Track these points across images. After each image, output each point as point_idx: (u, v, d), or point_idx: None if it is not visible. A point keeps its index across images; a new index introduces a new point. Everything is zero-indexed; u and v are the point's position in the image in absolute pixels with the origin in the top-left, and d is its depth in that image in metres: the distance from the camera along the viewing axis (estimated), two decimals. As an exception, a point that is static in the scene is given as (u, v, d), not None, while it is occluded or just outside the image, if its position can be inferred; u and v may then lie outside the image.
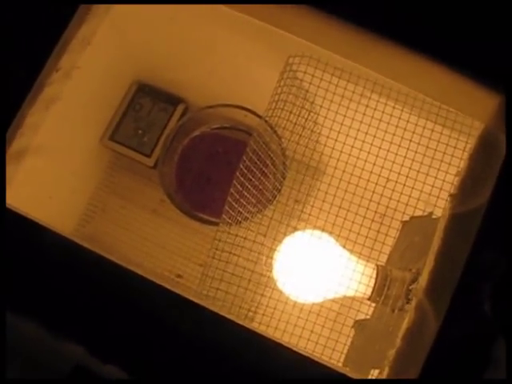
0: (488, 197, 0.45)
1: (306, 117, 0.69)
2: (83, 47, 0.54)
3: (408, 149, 0.68)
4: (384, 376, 0.47)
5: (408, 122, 0.68)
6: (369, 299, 0.70)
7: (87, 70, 0.59)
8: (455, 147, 0.66)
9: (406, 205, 0.69)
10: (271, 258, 0.69)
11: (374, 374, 0.50)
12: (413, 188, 0.68)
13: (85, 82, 0.61)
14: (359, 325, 0.74)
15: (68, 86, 0.55)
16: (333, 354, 0.67)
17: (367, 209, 0.70)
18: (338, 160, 0.69)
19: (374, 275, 0.70)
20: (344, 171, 0.70)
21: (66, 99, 0.57)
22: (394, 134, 0.68)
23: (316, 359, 0.48)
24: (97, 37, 0.57)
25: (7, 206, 0.47)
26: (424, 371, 0.43)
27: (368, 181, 0.70)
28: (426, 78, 0.58)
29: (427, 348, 0.44)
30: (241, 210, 0.71)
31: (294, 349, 0.47)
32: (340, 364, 0.68)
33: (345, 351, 0.68)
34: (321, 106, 0.68)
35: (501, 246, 0.44)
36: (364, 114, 0.68)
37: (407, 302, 0.65)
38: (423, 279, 0.48)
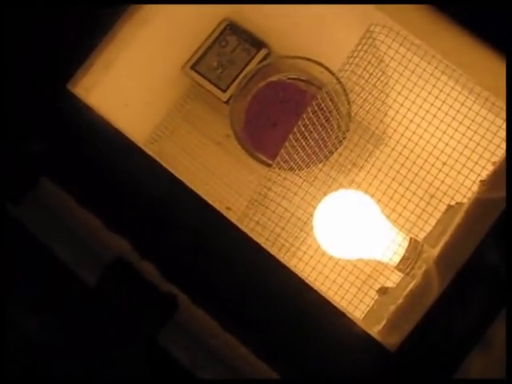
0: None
1: (374, 83, 0.73)
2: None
3: (471, 139, 0.71)
4: (380, 327, 0.52)
5: (470, 109, 0.71)
6: (395, 267, 0.74)
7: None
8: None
9: (457, 191, 0.72)
10: (314, 206, 0.73)
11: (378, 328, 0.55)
12: (466, 177, 0.71)
13: (180, 10, 0.66)
14: (383, 291, 0.79)
15: (164, 9, 0.59)
16: (355, 311, 0.72)
17: (418, 186, 0.74)
18: (395, 130, 0.73)
19: (405, 245, 0.73)
20: (405, 147, 0.73)
21: (161, 21, 0.61)
22: (453, 118, 0.71)
23: (339, 308, 0.53)
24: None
25: (90, 106, 0.54)
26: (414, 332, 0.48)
27: (425, 160, 0.73)
28: (494, 71, 0.61)
29: (424, 311, 0.48)
30: (296, 157, 0.75)
31: (321, 293, 0.52)
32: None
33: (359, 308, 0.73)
34: (390, 77, 0.72)
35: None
36: (429, 93, 0.71)
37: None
38: (436, 249, 0.52)
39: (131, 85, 0.73)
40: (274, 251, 0.57)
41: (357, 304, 0.73)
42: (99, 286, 0.56)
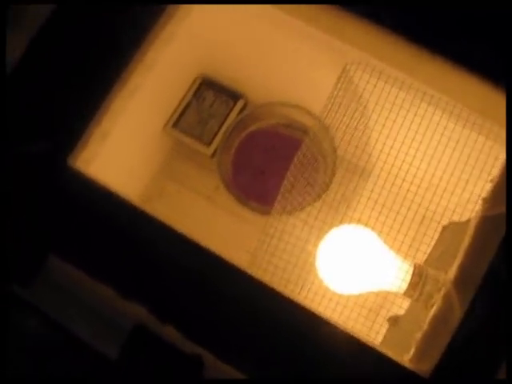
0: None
1: (358, 119, 0.75)
2: (165, 45, 0.61)
3: (451, 156, 0.73)
4: (410, 356, 0.52)
5: (453, 131, 0.73)
6: (404, 294, 0.75)
7: (164, 64, 0.66)
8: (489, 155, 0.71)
9: (446, 208, 0.74)
10: (316, 246, 0.74)
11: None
12: (452, 193, 0.73)
13: (160, 74, 0.67)
14: (394, 321, 0.79)
15: (149, 76, 0.61)
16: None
17: (409, 209, 0.75)
18: (385, 162, 0.74)
19: (411, 271, 0.74)
20: (390, 172, 0.75)
21: (147, 89, 0.63)
22: (438, 142, 0.73)
23: (357, 336, 0.53)
24: (176, 36, 0.64)
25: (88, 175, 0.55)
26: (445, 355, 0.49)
27: (411, 183, 0.75)
28: (470, 90, 0.63)
29: (450, 333, 0.49)
30: (292, 200, 0.76)
31: (336, 324, 0.53)
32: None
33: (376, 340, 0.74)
34: (373, 111, 0.74)
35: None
36: (412, 121, 0.73)
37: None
38: (452, 272, 0.53)
39: (124, 152, 0.75)
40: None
41: (374, 336, 0.74)
42: (122, 358, 0.56)
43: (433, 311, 0.53)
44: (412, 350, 0.53)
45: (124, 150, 0.74)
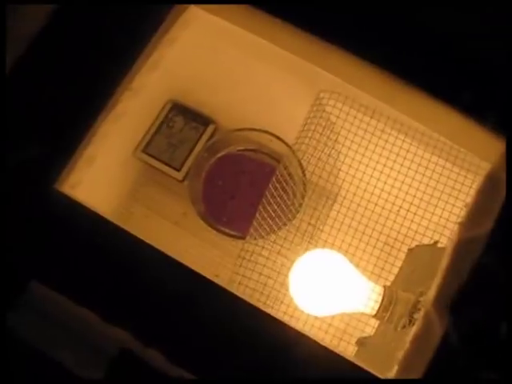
0: (490, 227, 0.53)
1: (331, 146, 0.77)
2: (151, 71, 0.62)
3: (421, 182, 0.76)
4: (393, 374, 0.54)
5: (422, 157, 0.76)
6: (374, 316, 0.77)
7: (144, 89, 0.67)
8: (463, 183, 0.75)
9: (416, 232, 0.77)
10: (289, 269, 0.76)
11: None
12: (422, 217, 0.76)
13: (138, 100, 0.69)
14: (362, 342, 0.81)
15: (132, 103, 0.63)
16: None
17: (380, 232, 0.78)
18: (358, 187, 0.77)
19: (382, 293, 0.77)
20: (362, 198, 0.77)
21: (131, 115, 0.65)
22: (409, 168, 0.76)
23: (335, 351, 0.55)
24: (159, 63, 0.65)
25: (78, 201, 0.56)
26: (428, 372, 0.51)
27: (383, 208, 0.78)
28: (442, 120, 0.66)
29: (432, 351, 0.51)
30: (265, 225, 0.78)
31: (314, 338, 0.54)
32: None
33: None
34: (345, 138, 0.76)
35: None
36: (383, 148, 0.76)
37: (410, 321, 0.72)
38: (431, 292, 0.56)
39: (104, 176, 0.75)
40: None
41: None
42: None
43: (413, 330, 0.55)
44: (395, 368, 0.54)
45: (104, 174, 0.74)
